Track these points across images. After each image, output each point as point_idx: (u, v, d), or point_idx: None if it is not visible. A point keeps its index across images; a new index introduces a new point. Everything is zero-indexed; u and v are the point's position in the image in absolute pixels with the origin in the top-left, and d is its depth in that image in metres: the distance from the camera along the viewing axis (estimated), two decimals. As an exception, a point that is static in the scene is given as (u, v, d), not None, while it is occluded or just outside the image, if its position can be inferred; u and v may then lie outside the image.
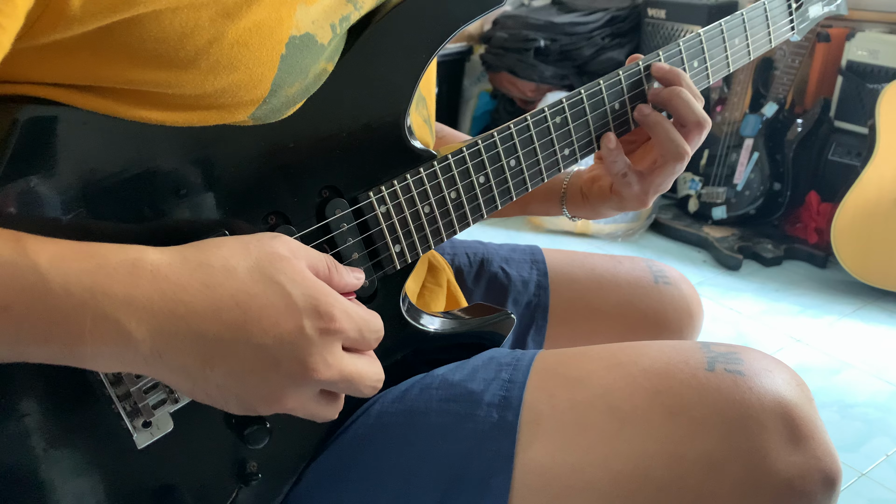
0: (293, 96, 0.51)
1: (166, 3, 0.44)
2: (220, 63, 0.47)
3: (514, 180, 0.61)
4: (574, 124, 0.63)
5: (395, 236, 0.57)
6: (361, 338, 0.47)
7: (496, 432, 0.55)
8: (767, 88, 2.23)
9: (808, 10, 0.81)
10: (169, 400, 0.50)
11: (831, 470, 0.50)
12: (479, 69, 2.82)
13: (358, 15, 0.55)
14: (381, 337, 0.49)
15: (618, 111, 0.66)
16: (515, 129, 0.60)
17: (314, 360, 0.44)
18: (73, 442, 0.48)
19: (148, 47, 0.44)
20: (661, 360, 0.56)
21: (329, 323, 0.44)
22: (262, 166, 0.51)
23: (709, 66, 0.72)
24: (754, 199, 2.24)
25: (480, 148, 0.59)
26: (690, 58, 0.70)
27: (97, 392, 0.48)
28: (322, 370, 0.44)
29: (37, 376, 0.46)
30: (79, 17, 0.42)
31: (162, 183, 0.48)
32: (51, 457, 0.48)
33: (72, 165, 0.45)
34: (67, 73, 0.44)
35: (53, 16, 0.41)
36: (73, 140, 0.45)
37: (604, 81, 0.64)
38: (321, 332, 0.44)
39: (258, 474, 0.56)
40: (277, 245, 0.46)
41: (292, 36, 0.49)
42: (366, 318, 0.48)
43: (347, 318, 0.46)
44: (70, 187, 0.45)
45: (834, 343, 1.79)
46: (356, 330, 0.47)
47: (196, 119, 0.48)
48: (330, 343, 0.45)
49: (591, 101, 0.64)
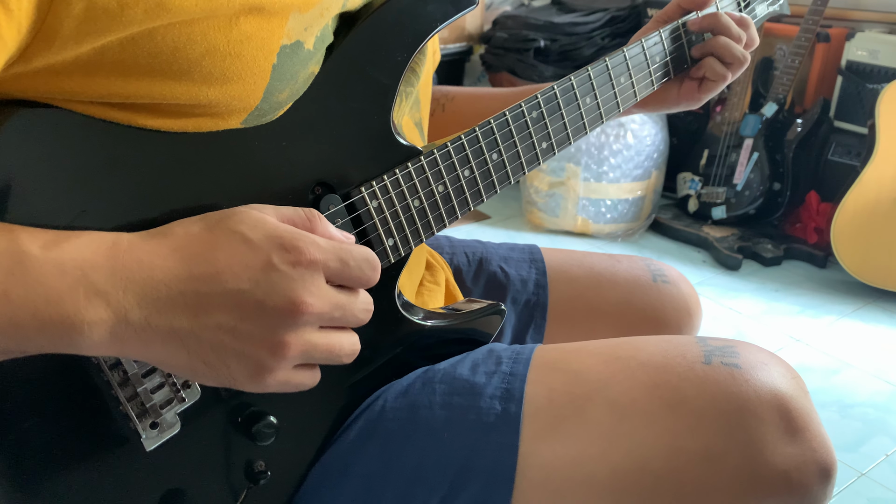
0: (283, 100, 0.52)
1: (160, 20, 0.44)
2: (213, 74, 0.47)
3: (497, 174, 0.63)
4: (549, 118, 0.66)
5: (388, 229, 0.58)
6: (346, 266, 0.47)
7: (500, 424, 0.56)
8: (767, 88, 2.23)
9: (755, 9, 0.84)
10: (176, 399, 0.50)
11: (826, 461, 0.51)
12: (479, 69, 2.82)
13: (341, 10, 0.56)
14: (375, 266, 0.48)
15: (589, 105, 0.69)
16: (496, 124, 0.62)
17: (298, 293, 0.44)
18: (81, 446, 0.49)
19: (141, 62, 0.45)
20: (658, 354, 0.57)
21: (298, 255, 0.44)
22: (255, 166, 0.52)
23: (651, 72, 0.75)
24: (754, 199, 2.24)
25: (464, 143, 0.61)
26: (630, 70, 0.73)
27: (104, 395, 0.49)
28: (309, 301, 0.44)
29: (45, 381, 0.47)
30: (73, 37, 0.42)
31: (151, 186, 0.48)
32: (60, 461, 0.48)
33: (64, 167, 0.45)
34: (61, 92, 0.45)
35: (49, 34, 0.42)
36: (66, 141, 0.45)
37: (574, 77, 0.67)
38: (293, 265, 0.44)
39: (266, 472, 0.56)
40: (238, 207, 0.47)
41: (283, 45, 0.50)
42: (344, 248, 0.47)
43: (318, 249, 0.45)
44: (61, 189, 0.45)
45: (834, 343, 1.79)
46: (336, 259, 0.46)
47: (190, 126, 0.49)
48: (309, 274, 0.45)
49: (564, 97, 0.67)
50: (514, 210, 2.55)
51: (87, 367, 0.48)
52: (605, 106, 0.70)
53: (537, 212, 2.40)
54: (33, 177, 0.44)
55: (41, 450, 0.47)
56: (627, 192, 2.31)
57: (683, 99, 0.79)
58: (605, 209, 2.32)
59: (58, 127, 0.45)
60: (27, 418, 0.46)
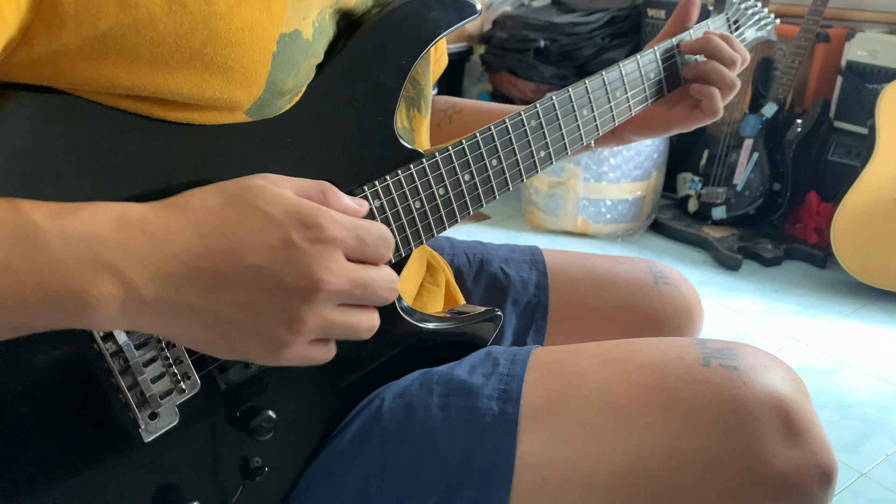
0: (286, 92, 0.52)
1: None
2: (216, 63, 0.47)
3: (496, 179, 0.64)
4: (547, 128, 0.67)
5: (390, 230, 0.58)
6: (364, 244, 0.46)
7: (497, 425, 0.56)
8: (767, 89, 2.23)
9: (744, 33, 0.86)
10: (176, 390, 0.51)
11: (827, 464, 0.50)
12: (479, 69, 2.82)
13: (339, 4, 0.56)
14: (389, 244, 0.48)
15: (586, 117, 0.71)
16: (496, 131, 0.63)
17: (316, 270, 0.43)
18: (79, 436, 0.49)
19: (143, 52, 0.45)
20: (656, 355, 0.57)
21: (318, 232, 0.44)
22: (259, 160, 0.53)
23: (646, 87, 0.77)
24: (754, 199, 2.24)
25: (465, 147, 0.62)
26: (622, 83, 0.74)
27: (104, 383, 0.49)
28: (327, 278, 0.44)
29: (44, 367, 0.47)
30: (73, 16, 0.42)
31: (157, 175, 0.49)
32: (57, 450, 0.48)
33: (70, 152, 0.45)
34: (66, 82, 0.45)
35: (49, 12, 0.42)
36: (73, 126, 0.45)
37: (572, 89, 0.69)
38: (312, 241, 0.44)
39: (263, 468, 0.56)
40: (254, 178, 0.46)
41: (282, 33, 0.50)
42: (362, 225, 0.47)
43: (337, 225, 0.45)
44: (66, 175, 0.45)
45: (833, 343, 1.79)
46: (354, 237, 0.46)
47: (196, 118, 0.49)
48: (328, 251, 0.44)
49: (563, 108, 0.68)
50: (514, 210, 2.55)
51: (88, 354, 0.48)
52: (602, 119, 0.72)
53: (537, 212, 2.41)
54: (38, 161, 0.44)
55: (38, 437, 0.47)
56: (627, 193, 2.31)
57: (674, 124, 0.79)
58: (605, 209, 2.32)
59: (64, 111, 0.45)
60: (25, 404, 0.46)
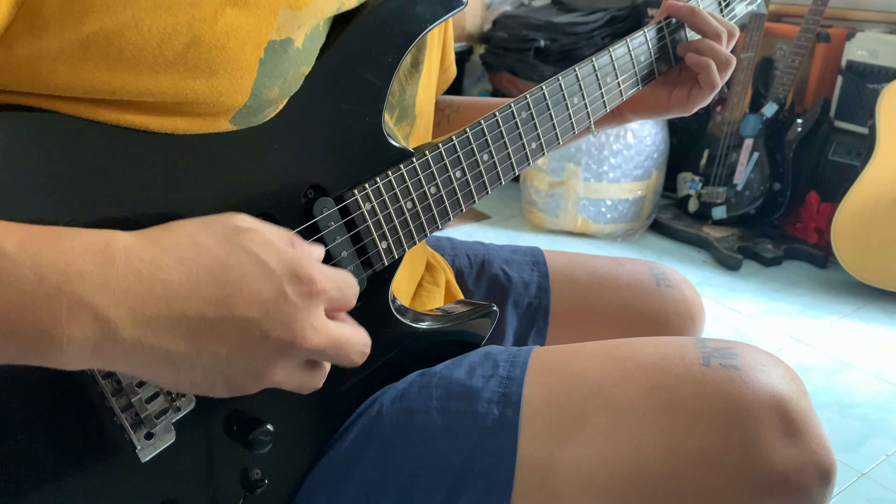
0: (273, 100, 0.51)
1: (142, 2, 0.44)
2: (199, 67, 0.47)
3: (488, 174, 0.63)
4: (539, 118, 0.66)
5: (382, 233, 0.58)
6: (342, 295, 0.46)
7: (498, 429, 0.56)
8: (767, 88, 2.24)
9: (734, 8, 0.85)
10: (171, 409, 0.50)
11: (826, 463, 0.51)
12: (479, 69, 2.82)
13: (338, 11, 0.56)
14: (356, 292, 0.48)
15: (577, 105, 0.70)
16: (486, 125, 0.62)
17: (301, 327, 0.43)
18: (75, 459, 0.47)
19: (126, 55, 0.44)
20: (656, 355, 0.57)
21: (310, 285, 0.43)
22: (247, 169, 0.52)
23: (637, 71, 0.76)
24: (754, 199, 2.24)
25: (455, 144, 0.61)
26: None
27: (98, 405, 0.47)
28: (311, 337, 0.43)
29: (36, 392, 0.45)
30: (56, 18, 0.42)
31: (141, 189, 0.47)
32: (53, 475, 0.47)
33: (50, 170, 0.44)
34: (47, 87, 0.44)
35: (31, 12, 0.41)
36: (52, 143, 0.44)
37: (562, 77, 0.68)
38: (304, 296, 0.43)
39: (263, 480, 0.55)
40: (239, 219, 0.45)
41: (272, 40, 0.49)
42: (340, 275, 0.46)
43: (326, 279, 0.44)
44: (46, 194, 0.44)
45: (834, 343, 1.79)
46: (336, 289, 0.45)
47: (180, 125, 0.48)
48: (314, 307, 0.44)
49: (553, 97, 0.67)
50: (515, 210, 2.55)
51: (80, 377, 0.46)
52: (592, 106, 0.71)
53: (537, 212, 2.41)
54: (17, 181, 0.42)
55: (34, 464, 0.46)
56: (627, 192, 2.31)
57: (674, 106, 0.79)
58: (605, 209, 2.32)
59: (43, 128, 0.44)
60: (20, 432, 0.45)
